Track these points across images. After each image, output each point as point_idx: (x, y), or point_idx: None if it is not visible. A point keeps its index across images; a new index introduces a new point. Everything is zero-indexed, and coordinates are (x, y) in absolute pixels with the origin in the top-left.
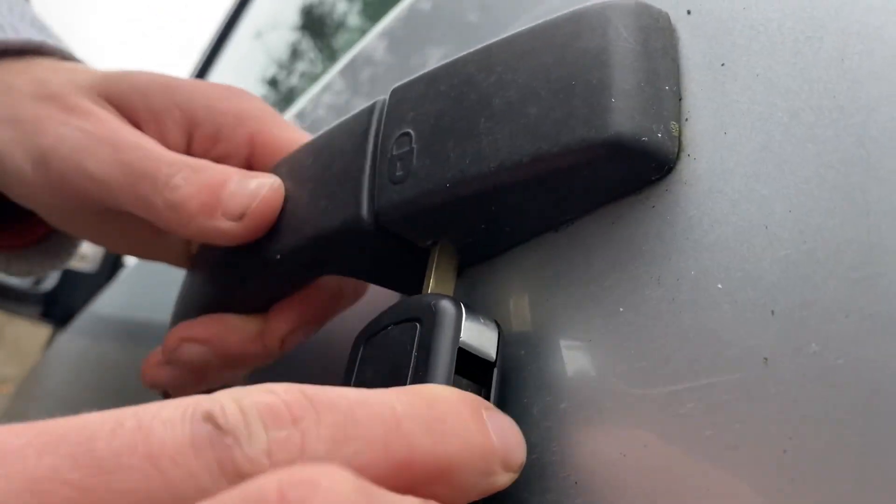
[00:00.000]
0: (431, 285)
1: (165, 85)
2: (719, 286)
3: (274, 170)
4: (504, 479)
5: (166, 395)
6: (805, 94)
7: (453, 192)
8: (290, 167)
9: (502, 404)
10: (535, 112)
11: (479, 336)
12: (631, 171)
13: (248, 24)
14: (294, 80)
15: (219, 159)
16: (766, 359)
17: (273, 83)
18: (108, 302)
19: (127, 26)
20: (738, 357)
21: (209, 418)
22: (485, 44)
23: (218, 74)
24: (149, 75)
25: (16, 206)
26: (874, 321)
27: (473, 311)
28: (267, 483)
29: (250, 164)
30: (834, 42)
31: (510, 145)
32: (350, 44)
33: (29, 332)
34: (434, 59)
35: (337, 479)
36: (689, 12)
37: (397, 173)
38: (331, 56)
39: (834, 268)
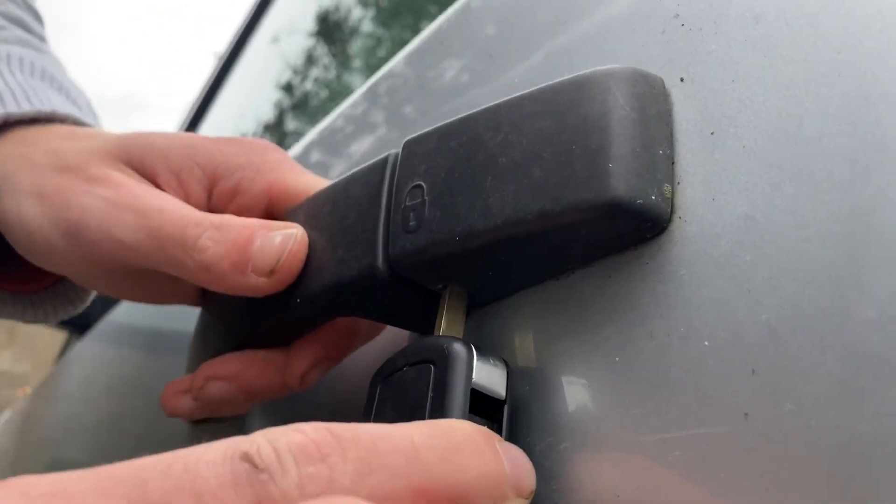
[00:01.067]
0: (443, 326)
1: (184, 144)
2: (706, 343)
3: (291, 215)
4: None
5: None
6: (786, 169)
7: (462, 244)
8: (307, 214)
9: (511, 440)
10: (538, 173)
11: (490, 376)
12: (627, 229)
13: (267, 29)
14: (308, 86)
15: (239, 211)
16: (746, 414)
17: (288, 88)
18: (127, 311)
19: (126, 25)
20: (721, 411)
21: (247, 458)
22: (493, 103)
23: (236, 79)
24: (167, 136)
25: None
26: (844, 387)
27: (483, 351)
28: None
29: (269, 212)
30: (814, 122)
31: (515, 203)
32: (364, 50)
33: (44, 331)
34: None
35: None
36: (682, 80)
37: (410, 223)
38: (344, 63)
39: (811, 335)
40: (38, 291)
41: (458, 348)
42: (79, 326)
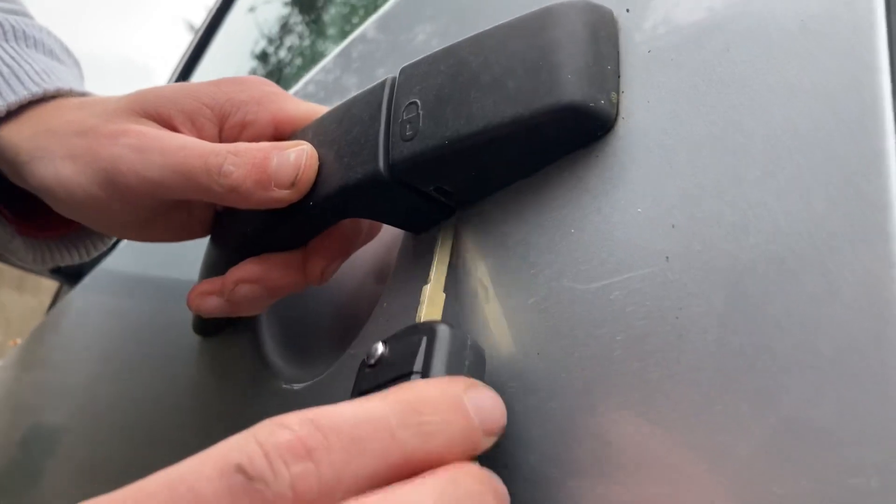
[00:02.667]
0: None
1: (189, 90)
2: (639, 209)
3: (300, 136)
4: (487, 444)
5: (199, 318)
6: (700, 73)
7: (451, 147)
8: (314, 133)
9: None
10: (512, 85)
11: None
12: (581, 128)
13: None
14: (282, 54)
15: (250, 141)
16: (667, 257)
17: (262, 57)
18: (120, 260)
19: None
20: (649, 257)
21: (240, 470)
22: (475, 33)
23: (213, 49)
24: (172, 86)
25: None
26: (735, 228)
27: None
28: None
29: (276, 139)
30: (722, 37)
31: (494, 110)
32: (338, 18)
33: (13, 301)
34: (432, 39)
35: None
36: (627, 10)
37: (407, 133)
38: (319, 31)
39: (713, 196)
40: (63, 237)
41: (443, 328)
42: (70, 276)
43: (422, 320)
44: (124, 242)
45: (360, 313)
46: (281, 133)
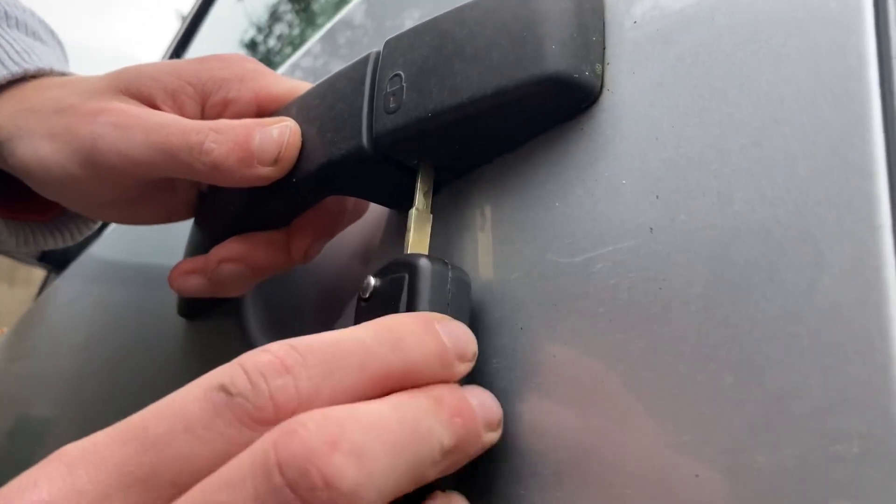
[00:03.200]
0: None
1: (172, 67)
2: (623, 181)
3: (283, 112)
4: (462, 369)
5: (182, 299)
6: (686, 44)
7: (436, 119)
8: (297, 109)
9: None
10: (496, 56)
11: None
12: (565, 100)
13: None
14: (272, 43)
15: (233, 118)
16: (651, 228)
17: (251, 46)
18: (106, 246)
19: None
20: (633, 229)
21: (222, 388)
22: (459, 6)
23: (201, 38)
24: (154, 64)
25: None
26: (720, 198)
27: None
28: (263, 443)
29: (259, 116)
30: (709, 5)
31: (478, 82)
32: (328, 7)
33: (3, 293)
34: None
35: (305, 428)
36: None
37: (391, 105)
38: (308, 19)
39: (698, 166)
40: (47, 221)
41: (425, 262)
42: (57, 263)
43: (408, 250)
44: (111, 228)
45: (344, 295)
46: (264, 111)
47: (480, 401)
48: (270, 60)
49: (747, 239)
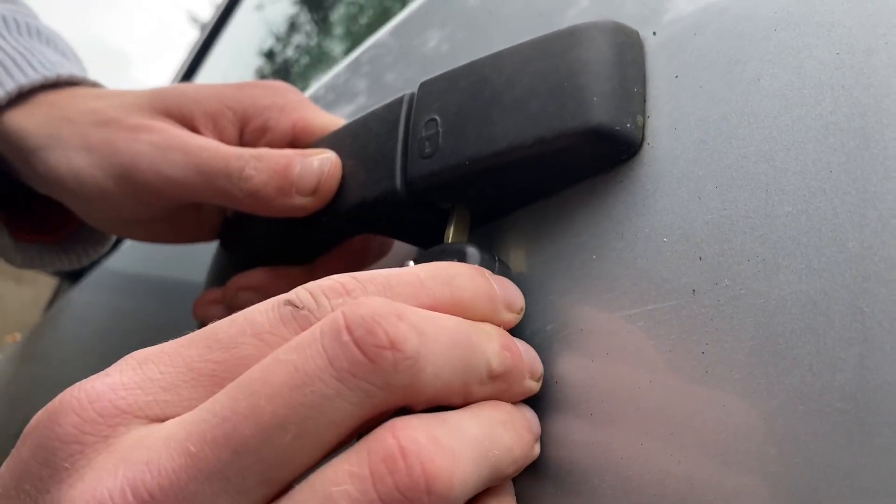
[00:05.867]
0: (451, 237)
1: (214, 91)
2: (664, 239)
3: (316, 146)
4: (509, 317)
5: (202, 325)
6: (732, 104)
7: (472, 166)
8: (330, 145)
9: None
10: (535, 106)
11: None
12: (605, 153)
13: None
14: (289, 53)
15: (268, 146)
16: (694, 290)
17: (269, 55)
18: (121, 259)
19: None
20: (675, 289)
21: (289, 303)
22: (497, 50)
23: (220, 47)
24: (196, 86)
25: (39, 205)
26: (766, 265)
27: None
28: (332, 313)
29: (294, 147)
30: (754, 67)
31: (516, 131)
32: (346, 17)
33: (11, 291)
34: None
35: (373, 300)
36: (654, 33)
37: (426, 150)
38: (327, 30)
39: (743, 231)
40: (58, 241)
41: (472, 249)
42: (70, 274)
43: (449, 241)
44: (127, 242)
45: None
46: (299, 142)
47: (526, 349)
48: (288, 70)
49: (793, 310)
